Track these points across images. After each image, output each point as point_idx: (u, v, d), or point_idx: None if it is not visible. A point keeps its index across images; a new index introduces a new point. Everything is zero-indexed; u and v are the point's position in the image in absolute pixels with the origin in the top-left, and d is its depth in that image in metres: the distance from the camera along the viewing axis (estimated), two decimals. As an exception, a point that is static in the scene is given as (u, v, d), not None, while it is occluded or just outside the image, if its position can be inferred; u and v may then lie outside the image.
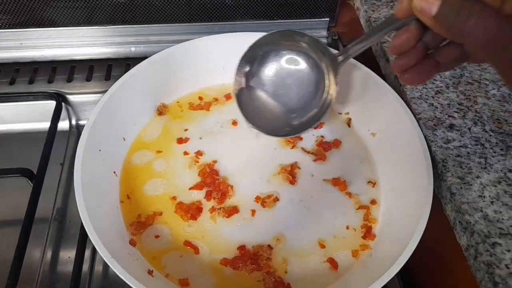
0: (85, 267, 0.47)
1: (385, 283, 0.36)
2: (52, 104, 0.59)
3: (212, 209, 0.47)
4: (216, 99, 0.58)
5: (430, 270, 0.50)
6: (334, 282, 0.42)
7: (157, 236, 0.45)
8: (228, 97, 0.58)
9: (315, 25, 0.67)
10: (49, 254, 0.49)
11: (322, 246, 0.45)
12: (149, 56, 0.54)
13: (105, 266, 0.48)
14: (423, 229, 0.39)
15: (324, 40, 0.67)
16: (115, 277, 0.46)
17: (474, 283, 0.37)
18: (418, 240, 0.38)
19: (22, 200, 0.49)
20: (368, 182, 0.50)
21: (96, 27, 0.64)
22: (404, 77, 0.35)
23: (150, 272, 0.41)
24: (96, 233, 0.38)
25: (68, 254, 0.49)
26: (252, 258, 0.43)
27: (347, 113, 0.57)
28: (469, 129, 0.46)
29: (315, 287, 0.42)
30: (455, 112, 0.48)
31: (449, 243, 0.42)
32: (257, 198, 0.48)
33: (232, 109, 0.57)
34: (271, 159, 0.52)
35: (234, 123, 0.56)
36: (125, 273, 0.35)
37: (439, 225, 0.42)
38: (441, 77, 0.52)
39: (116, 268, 0.35)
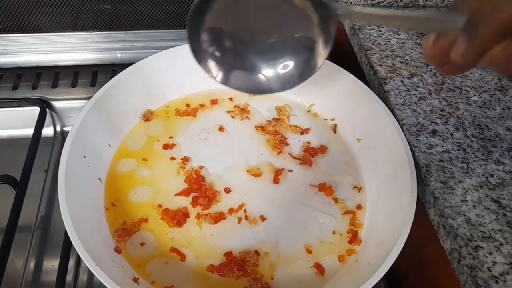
0: (70, 277, 0.46)
1: (371, 287, 0.37)
2: (36, 110, 0.58)
3: (198, 216, 0.47)
4: (202, 105, 0.58)
5: (416, 274, 0.50)
6: (321, 287, 0.42)
7: (142, 244, 0.44)
8: (214, 102, 0.58)
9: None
10: (32, 263, 0.48)
11: (309, 252, 0.45)
12: (135, 62, 0.54)
13: (90, 275, 0.47)
14: (407, 233, 0.40)
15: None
16: (100, 286, 0.45)
17: (459, 286, 0.37)
18: (403, 244, 0.39)
19: (5, 208, 0.48)
20: (354, 187, 0.51)
21: (82, 33, 0.63)
22: (443, 69, 0.30)
23: (135, 280, 0.41)
24: (80, 240, 0.37)
25: (52, 263, 0.48)
26: (239, 264, 0.43)
27: (333, 119, 0.57)
28: (452, 134, 0.47)
29: (301, 293, 0.42)
30: (438, 118, 0.49)
31: (433, 247, 0.42)
32: (244, 204, 0.48)
33: (219, 115, 0.58)
34: (257, 164, 0.52)
35: (221, 129, 0.56)
36: (109, 280, 0.35)
37: (423, 229, 0.43)
38: (424, 84, 0.53)
39: (100, 276, 0.35)
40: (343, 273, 0.43)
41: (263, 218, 0.47)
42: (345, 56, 0.69)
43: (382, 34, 0.60)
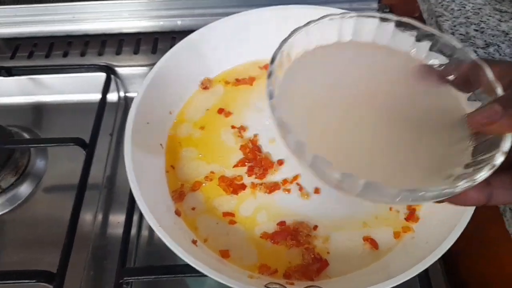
0: (133, 231, 0.49)
1: (427, 266, 0.36)
2: (101, 76, 0.61)
3: (253, 185, 0.48)
4: (260, 75, 0.57)
5: (474, 255, 0.48)
6: (374, 262, 0.42)
7: (193, 208, 0.46)
8: (267, 67, 0.58)
9: (366, -3, 0.64)
10: (100, 218, 0.52)
11: (364, 226, 0.44)
12: (195, 30, 0.54)
13: (151, 231, 0.50)
14: (471, 214, 0.38)
15: (374, 14, 0.64)
16: (159, 241, 0.48)
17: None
18: (465, 225, 0.37)
19: (73, 168, 0.52)
20: (415, 163, 0.49)
21: (144, 0, 0.64)
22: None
23: (194, 242, 0.43)
24: (146, 202, 0.39)
25: (117, 218, 0.52)
26: (291, 233, 0.44)
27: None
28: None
29: (353, 266, 0.42)
30: None
31: (494, 228, 0.40)
32: (298, 176, 0.48)
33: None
34: (313, 136, 0.52)
35: (277, 99, 0.55)
36: (171, 241, 0.37)
37: (485, 210, 0.40)
38: (500, 54, 0.48)
39: (163, 236, 0.37)
40: (398, 250, 0.43)
41: (317, 191, 0.47)
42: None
43: (456, -2, 0.55)
